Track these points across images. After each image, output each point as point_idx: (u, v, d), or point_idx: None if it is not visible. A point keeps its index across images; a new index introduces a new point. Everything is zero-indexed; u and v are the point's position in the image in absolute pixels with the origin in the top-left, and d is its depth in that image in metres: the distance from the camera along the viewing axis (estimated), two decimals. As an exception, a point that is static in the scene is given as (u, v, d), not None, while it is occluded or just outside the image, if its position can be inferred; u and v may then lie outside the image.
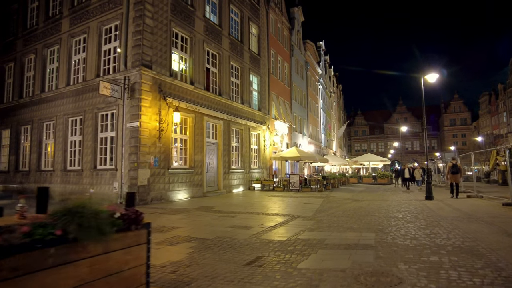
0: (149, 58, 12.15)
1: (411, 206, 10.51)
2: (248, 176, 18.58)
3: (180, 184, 13.25)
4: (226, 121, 16.53)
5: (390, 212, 9.16)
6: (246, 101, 18.76)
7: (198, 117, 14.49)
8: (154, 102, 12.22)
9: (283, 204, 11.58)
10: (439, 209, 9.46)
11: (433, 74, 12.62)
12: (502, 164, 23.70)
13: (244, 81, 18.71)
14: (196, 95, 14.48)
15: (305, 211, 9.67)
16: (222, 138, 16.24)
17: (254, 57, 20.00)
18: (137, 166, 11.50)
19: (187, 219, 8.17)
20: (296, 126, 28.17)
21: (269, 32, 22.56)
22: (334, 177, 21.86)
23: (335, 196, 15.04)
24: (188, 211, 9.76)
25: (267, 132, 21.01)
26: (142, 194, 11.53)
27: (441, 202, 11.83)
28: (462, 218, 7.68)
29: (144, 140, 11.73)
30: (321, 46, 42.15)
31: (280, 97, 24.33)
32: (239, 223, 7.57)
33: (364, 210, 9.75)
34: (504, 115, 58.17)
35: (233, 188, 16.98)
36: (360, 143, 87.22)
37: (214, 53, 16.29)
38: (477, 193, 12.81)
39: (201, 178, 14.48)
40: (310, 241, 5.61)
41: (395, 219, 7.90)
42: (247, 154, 18.55)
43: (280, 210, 10.02)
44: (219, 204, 11.55)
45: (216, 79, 16.39)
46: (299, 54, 30.41)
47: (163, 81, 12.65)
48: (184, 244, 5.57)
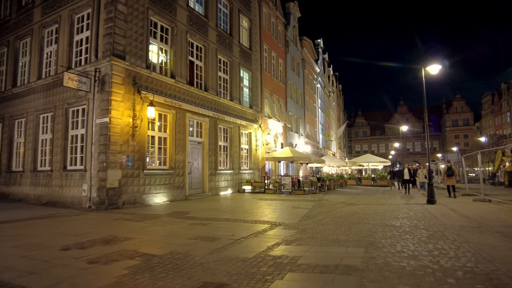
0: (122, 48, 11.02)
1: (411, 212, 9.32)
2: (238, 177, 17.41)
3: (158, 187, 12.10)
4: (212, 119, 15.39)
5: (386, 219, 7.98)
6: (236, 98, 17.62)
7: (180, 113, 13.35)
8: (127, 96, 11.09)
9: (268, 209, 10.41)
10: (443, 216, 8.27)
11: (435, 65, 11.44)
12: (509, 165, 22.47)
13: (234, 76, 17.57)
14: (178, 89, 13.35)
15: (290, 217, 8.51)
16: (208, 136, 15.09)
17: (245, 52, 18.87)
18: (106, 166, 10.36)
19: (150, 228, 7.02)
20: (291, 126, 27.00)
21: (262, 26, 21.44)
22: (330, 179, 20.65)
23: (328, 199, 13.85)
24: (158, 217, 8.60)
25: (259, 131, 19.86)
26: (112, 197, 10.38)
27: (444, 206, 10.63)
28: (470, 227, 6.49)
29: (115, 137, 10.59)
30: (319, 44, 40.98)
31: (274, 94, 23.17)
32: (207, 233, 6.41)
33: (357, 216, 8.57)
34: (508, 115, 56.82)
35: (221, 190, 15.81)
36: (361, 144, 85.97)
37: (199, 46, 15.16)
38: (484, 196, 11.61)
39: (183, 180, 13.32)
40: (282, 259, 4.45)
41: (391, 228, 6.72)
42: (236, 154, 17.39)
43: (262, 216, 8.86)
44: (198, 209, 10.39)
45: (201, 73, 15.25)
46: (295, 51, 29.27)
47: (138, 73, 11.52)
48: (123, 262, 4.42)
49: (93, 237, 6.00)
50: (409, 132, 78.73)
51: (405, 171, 18.20)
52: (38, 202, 12.38)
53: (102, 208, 10.22)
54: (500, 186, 23.67)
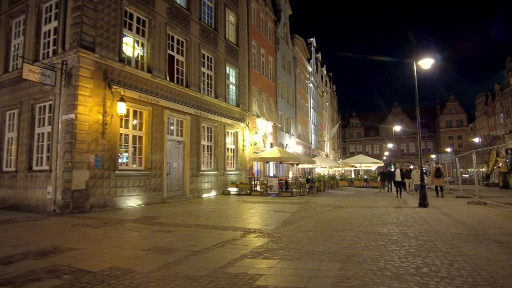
0: (91, 39, 10.18)
1: (400, 216, 8.57)
2: (223, 179, 16.59)
3: (131, 189, 11.24)
4: (194, 117, 14.56)
5: (373, 225, 7.22)
6: (221, 95, 16.81)
7: (157, 110, 12.52)
8: (97, 91, 10.24)
9: (248, 213, 9.61)
10: (435, 221, 7.53)
11: (427, 59, 10.75)
12: (503, 166, 21.91)
13: (219, 72, 16.77)
14: (155, 85, 12.51)
15: (269, 223, 7.72)
16: (190, 135, 14.26)
17: (231, 47, 18.08)
18: (71, 167, 9.49)
19: (105, 236, 6.18)
20: (282, 125, 26.24)
21: (250, 22, 20.67)
22: (319, 180, 19.90)
23: (315, 202, 13.09)
24: (122, 223, 7.76)
25: (246, 131, 19.06)
26: (77, 200, 9.52)
27: (437, 210, 9.91)
28: (466, 236, 5.74)
29: (82, 135, 9.73)
30: (312, 42, 40.31)
31: (264, 93, 22.40)
32: (166, 242, 5.60)
33: (342, 222, 7.80)
34: (501, 116, 56.66)
35: (204, 192, 14.97)
36: (355, 145, 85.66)
37: (180, 39, 14.34)
38: (479, 198, 10.91)
39: (160, 182, 12.48)
40: (238, 278, 3.65)
41: (376, 236, 5.95)
42: (221, 154, 16.57)
43: (239, 221, 8.06)
44: (171, 213, 9.56)
45: (182, 69, 14.43)
46: (286, 49, 28.54)
47: (110, 66, 10.68)
48: (45, 282, 3.61)
49: (31, 248, 5.16)
50: (403, 133, 78.54)
51: (396, 172, 16.59)
52: (1, 205, 11.45)
53: (67, 212, 9.37)
54: (495, 187, 23.11)
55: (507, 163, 21.14)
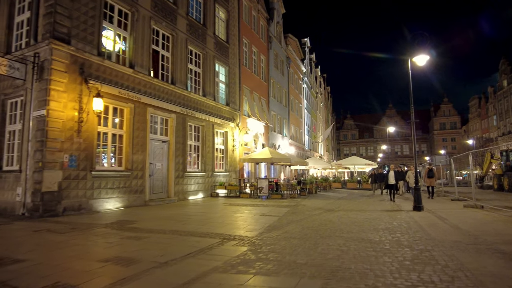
0: (65, 30, 9.50)
1: (394, 221, 8.01)
2: (211, 180, 15.95)
3: (110, 191, 10.56)
4: (180, 115, 13.92)
5: (364, 231, 6.65)
6: (210, 94, 16.18)
7: (140, 108, 11.86)
8: (72, 86, 9.56)
9: (232, 217, 9.00)
10: (431, 227, 6.98)
11: (422, 55, 10.25)
12: (498, 168, 21.56)
13: (207, 70, 16.15)
14: (137, 81, 11.86)
15: (252, 228, 7.12)
16: (175, 135, 13.61)
17: (220, 44, 17.48)
18: (42, 167, 8.80)
19: (66, 243, 5.53)
20: (274, 126, 25.66)
21: (241, 19, 20.09)
22: (311, 182, 19.34)
23: (306, 204, 12.51)
24: (92, 228, 7.10)
25: (236, 130, 18.45)
26: (48, 203, 8.83)
27: (432, 214, 9.38)
28: (465, 244, 5.19)
29: (54, 133, 9.05)
30: (306, 43, 39.84)
31: (255, 92, 21.82)
32: (132, 251, 4.97)
33: (331, 227, 7.22)
34: (494, 118, 56.76)
35: (190, 194, 14.32)
36: (350, 147, 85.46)
37: (166, 34, 13.70)
38: (476, 202, 10.41)
39: (142, 183, 11.81)
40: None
41: (367, 244, 5.38)
42: (209, 154, 15.93)
43: (220, 226, 7.45)
44: (150, 217, 8.91)
45: (168, 65, 13.79)
46: (279, 48, 28.01)
47: (87, 60, 10.00)
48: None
49: (-28, 260, 4.50)
50: (397, 135, 78.52)
51: (390, 174, 14.56)
52: (-31, 208, 10.69)
53: (36, 215, 8.67)
54: (489, 189, 22.75)
55: (502, 165, 20.81)
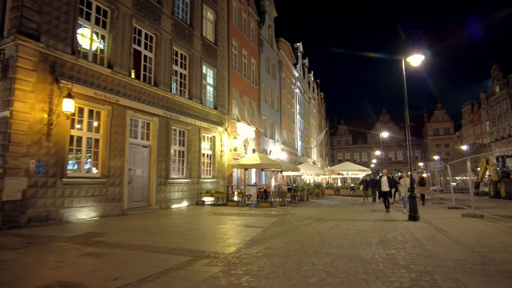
0: (34, 26, 8.78)
1: (389, 233, 7.34)
2: (197, 187, 15.18)
3: (83, 199, 9.76)
4: (164, 118, 13.19)
5: (355, 246, 5.96)
6: (196, 96, 15.49)
7: (118, 110, 11.12)
8: (41, 85, 8.82)
9: (213, 229, 8.26)
10: (429, 240, 6.32)
11: (417, 55, 9.70)
12: (494, 174, 21.10)
13: (194, 72, 15.48)
14: (116, 81, 11.14)
15: (232, 243, 6.40)
16: (157, 139, 12.87)
17: (208, 46, 16.85)
18: (3, 173, 8.00)
19: (11, 262, 4.76)
20: (265, 131, 25.02)
21: (231, 21, 19.52)
22: (303, 189, 18.65)
23: (295, 213, 11.81)
24: (53, 241, 6.31)
25: (225, 135, 17.75)
26: (10, 213, 8.01)
27: (429, 224, 8.74)
28: (471, 263, 4.52)
29: (19, 136, 8.28)
30: (299, 47, 39.47)
31: (245, 96, 21.19)
32: (84, 272, 4.22)
33: (319, 241, 6.53)
34: (487, 124, 56.85)
35: (173, 203, 13.53)
36: (343, 152, 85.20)
37: (149, 34, 13.03)
38: (475, 210, 9.79)
39: (120, 191, 11.02)
40: None
41: (358, 264, 4.69)
42: (195, 160, 15.18)
43: (196, 240, 6.72)
44: (122, 228, 8.14)
45: (151, 66, 13.10)
46: (270, 51, 27.50)
47: (59, 58, 9.27)
48: None
49: None
50: (391, 141, 78.48)
51: (383, 180, 12.24)
52: None
53: (-4, 227, 7.84)
54: (485, 196, 22.25)
55: (498, 171, 20.34)
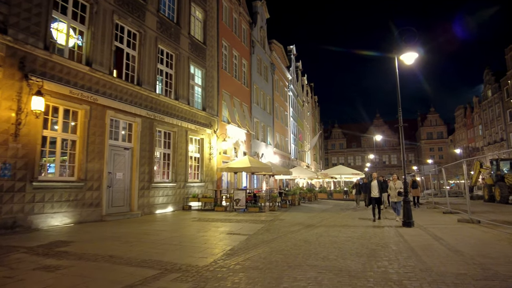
0: (1, 18, 8.17)
1: (381, 241, 6.81)
2: (183, 192, 14.55)
3: (56, 204, 9.11)
4: (147, 119, 12.59)
5: (343, 256, 5.42)
6: (183, 97, 14.92)
7: (97, 110, 10.51)
8: (8, 82, 8.19)
9: (193, 236, 7.66)
10: (425, 250, 5.80)
11: (410, 53, 9.27)
12: (488, 177, 20.76)
13: (181, 71, 14.92)
14: (95, 80, 10.53)
15: (209, 253, 5.82)
16: (140, 141, 12.26)
17: (196, 45, 16.31)
18: (-37, 178, 7.35)
19: None
20: (257, 133, 24.49)
21: (220, 20, 19.03)
22: (294, 193, 18.11)
23: (284, 219, 11.24)
24: (10, 252, 5.68)
25: (214, 137, 17.17)
26: (-29, 221, 7.34)
27: (424, 231, 8.24)
28: (472, 278, 4.00)
29: (-18, 137, 7.63)
30: (292, 50, 39.13)
31: (236, 97, 20.66)
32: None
33: (306, 250, 5.98)
34: (480, 128, 56.95)
35: (157, 208, 12.90)
36: (337, 156, 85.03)
37: (132, 31, 12.47)
38: (471, 216, 9.33)
39: (98, 195, 10.37)
40: None
41: (345, 279, 4.14)
42: (182, 163, 14.57)
43: (173, 249, 6.13)
44: (95, 236, 7.50)
45: (134, 64, 12.52)
46: (262, 53, 27.06)
47: (30, 54, 8.66)
48: None
49: None
50: (385, 145, 78.54)
51: (373, 185, 10.76)
52: None
53: (-46, 236, 7.17)
54: (479, 200, 21.90)
55: (492, 174, 20.00)
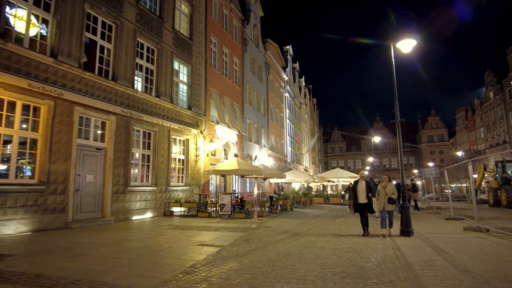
0: None
1: (373, 255, 5.76)
2: (165, 196, 13.51)
3: (11, 210, 8.09)
4: (123, 117, 11.60)
5: (324, 278, 4.38)
6: (165, 94, 13.93)
7: (64, 106, 9.52)
8: (-48, 72, 7.21)
9: (158, 248, 6.62)
10: (425, 267, 4.76)
11: (407, 40, 8.28)
12: (493, 180, 19.68)
13: (163, 67, 13.94)
14: (61, 73, 9.55)
15: (164, 271, 4.79)
16: (115, 141, 11.24)
17: (182, 40, 15.36)
18: None
19: None
20: (250, 135, 23.48)
21: (209, 16, 18.11)
22: (285, 197, 17.03)
23: (270, 226, 10.19)
24: None
25: (201, 138, 16.16)
26: None
27: (425, 241, 7.18)
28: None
29: None
30: (288, 50, 38.19)
31: (226, 97, 19.68)
32: None
33: (281, 267, 4.94)
34: (482, 130, 55.90)
35: (134, 214, 11.85)
36: (337, 159, 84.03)
37: (107, 22, 11.52)
38: (478, 223, 8.27)
39: (64, 200, 9.35)
40: None
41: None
42: (163, 165, 13.54)
43: (122, 265, 5.09)
44: (43, 248, 6.47)
45: (109, 58, 11.55)
46: (256, 52, 26.12)
47: (-21, 41, 7.70)
48: None
49: None
50: (385, 148, 77.55)
51: (359, 187, 8.31)
52: None
53: None
54: (483, 204, 20.77)
55: (497, 177, 18.91)
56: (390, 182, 8.34)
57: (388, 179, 8.38)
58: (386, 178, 8.38)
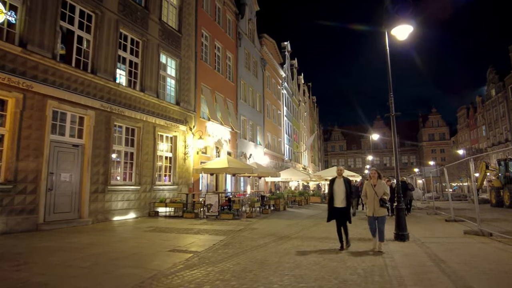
0: None
1: (361, 265, 5.09)
2: (150, 196, 12.85)
3: (-30, 212, 7.44)
4: (103, 112, 10.93)
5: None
6: (151, 89, 13.25)
7: (34, 100, 8.86)
8: None
9: (125, 253, 5.95)
10: (419, 283, 4.09)
11: (403, 26, 7.58)
12: (495, 179, 18.96)
13: (148, 60, 13.26)
14: (32, 64, 8.88)
15: (118, 283, 4.12)
16: (93, 137, 10.58)
17: (169, 33, 14.66)
18: None
19: None
20: (244, 132, 22.80)
21: (200, 7, 17.41)
22: (278, 197, 16.35)
23: (257, 228, 9.52)
24: None
25: (190, 135, 15.49)
26: None
27: (421, 248, 6.50)
28: None
29: None
30: (286, 47, 37.45)
31: (219, 93, 18.99)
32: None
33: (253, 280, 4.28)
34: (483, 128, 55.11)
35: (115, 214, 11.19)
36: (337, 158, 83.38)
37: (86, 12, 10.83)
38: (480, 227, 7.57)
39: (35, 200, 8.70)
40: None
41: None
42: (148, 163, 12.88)
43: (68, 276, 4.43)
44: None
45: (88, 50, 10.87)
46: (251, 47, 25.41)
47: None
48: None
49: None
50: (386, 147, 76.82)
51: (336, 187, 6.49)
52: None
53: None
54: (485, 204, 20.05)
55: (500, 176, 18.20)
56: (380, 179, 6.40)
57: (378, 176, 6.42)
58: (375, 174, 6.44)
